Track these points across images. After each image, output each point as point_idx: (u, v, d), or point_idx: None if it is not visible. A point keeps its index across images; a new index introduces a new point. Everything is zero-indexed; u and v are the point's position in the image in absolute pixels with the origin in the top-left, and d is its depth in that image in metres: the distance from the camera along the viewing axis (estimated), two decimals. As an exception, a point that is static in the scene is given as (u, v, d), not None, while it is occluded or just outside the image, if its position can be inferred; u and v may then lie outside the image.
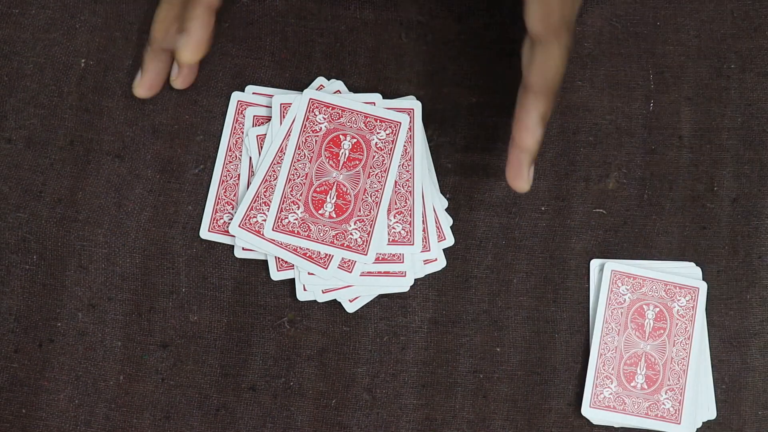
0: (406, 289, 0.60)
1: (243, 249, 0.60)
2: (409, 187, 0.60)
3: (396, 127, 0.61)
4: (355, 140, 0.61)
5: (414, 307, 0.61)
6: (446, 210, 0.61)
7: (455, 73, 0.63)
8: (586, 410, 0.60)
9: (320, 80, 0.62)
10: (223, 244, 0.61)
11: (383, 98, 0.61)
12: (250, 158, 0.61)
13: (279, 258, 0.60)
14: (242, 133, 0.62)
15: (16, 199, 0.61)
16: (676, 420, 0.60)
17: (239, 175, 0.61)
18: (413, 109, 0.61)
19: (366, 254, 0.59)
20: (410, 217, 0.60)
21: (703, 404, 0.60)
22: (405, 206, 0.60)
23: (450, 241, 0.61)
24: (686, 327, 0.60)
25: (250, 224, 0.60)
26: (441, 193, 0.62)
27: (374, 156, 0.60)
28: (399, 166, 0.60)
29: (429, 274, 0.61)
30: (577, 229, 0.62)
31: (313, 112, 0.61)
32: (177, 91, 0.62)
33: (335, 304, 0.60)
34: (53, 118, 0.62)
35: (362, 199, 0.60)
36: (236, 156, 0.61)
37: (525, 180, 0.55)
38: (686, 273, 0.61)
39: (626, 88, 0.63)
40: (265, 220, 0.59)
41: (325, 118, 0.61)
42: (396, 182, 0.60)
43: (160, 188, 0.61)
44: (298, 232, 0.59)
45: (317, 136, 0.60)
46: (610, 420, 0.60)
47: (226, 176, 0.61)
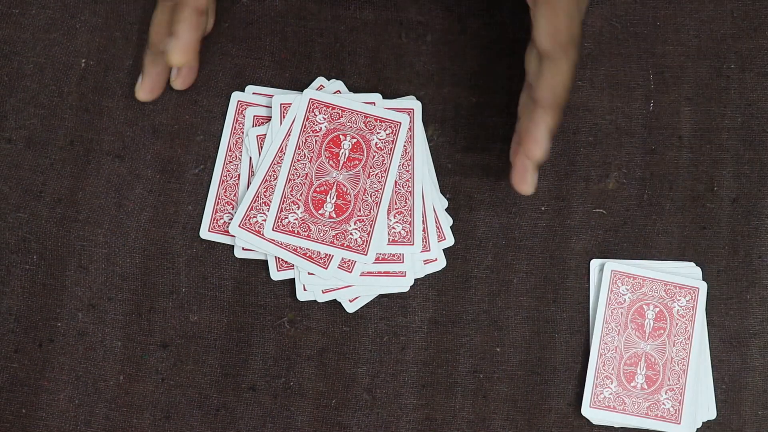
0: (406, 289, 0.60)
1: (243, 249, 0.60)
2: (409, 187, 0.60)
3: (396, 127, 0.61)
4: (355, 140, 0.60)
5: (414, 307, 0.61)
6: (446, 210, 0.61)
7: (455, 73, 0.63)
8: (586, 410, 0.60)
9: (320, 80, 0.62)
10: (223, 244, 0.61)
11: (383, 98, 0.61)
12: (250, 158, 0.61)
13: (279, 258, 0.60)
14: (242, 133, 0.62)
15: (16, 199, 0.61)
16: (676, 420, 0.60)
17: (239, 175, 0.61)
18: (413, 109, 0.61)
19: (366, 254, 0.59)
20: (410, 217, 0.60)
21: (703, 404, 0.60)
22: (405, 206, 0.60)
23: (450, 241, 0.61)
24: (686, 327, 0.60)
25: (250, 224, 0.60)
26: (441, 193, 0.62)
27: (374, 156, 0.60)
28: (399, 166, 0.60)
29: (429, 274, 0.61)
30: (577, 229, 0.62)
31: (313, 112, 0.61)
32: (177, 91, 0.62)
33: (335, 304, 0.60)
34: (53, 118, 0.62)
35: (362, 199, 0.60)
36: (236, 156, 0.61)
37: (530, 184, 0.56)
38: (686, 273, 0.61)
39: (626, 88, 0.63)
40: (265, 220, 0.59)
41: (325, 118, 0.61)
42: (396, 182, 0.60)
43: (160, 188, 0.61)
44: (298, 232, 0.59)
45: (317, 136, 0.60)
46: (610, 420, 0.60)
47: (226, 176, 0.61)
